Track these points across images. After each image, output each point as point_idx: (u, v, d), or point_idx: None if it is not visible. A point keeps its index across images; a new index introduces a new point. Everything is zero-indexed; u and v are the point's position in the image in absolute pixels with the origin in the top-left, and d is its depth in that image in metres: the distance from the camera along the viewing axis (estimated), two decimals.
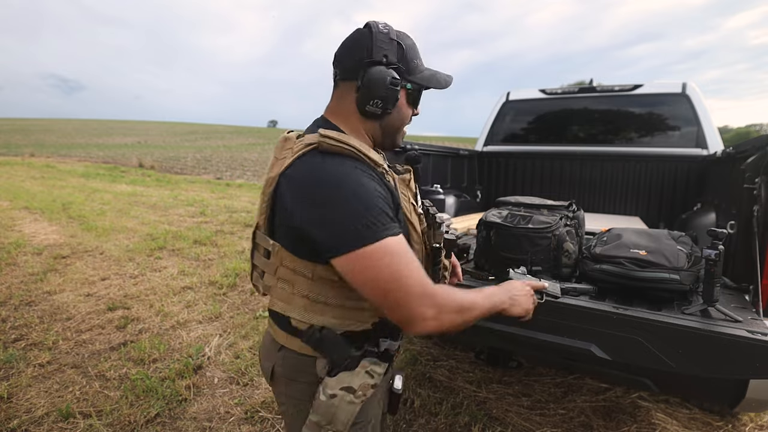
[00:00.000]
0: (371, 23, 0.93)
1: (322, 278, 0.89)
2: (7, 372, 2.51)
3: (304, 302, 0.91)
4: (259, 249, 0.98)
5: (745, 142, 1.95)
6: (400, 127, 1.01)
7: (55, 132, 44.04)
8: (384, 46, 0.92)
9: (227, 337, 3.01)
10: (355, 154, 0.87)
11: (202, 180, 13.56)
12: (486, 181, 3.87)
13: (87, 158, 19.98)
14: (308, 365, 0.95)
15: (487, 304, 0.91)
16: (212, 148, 29.03)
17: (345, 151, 0.86)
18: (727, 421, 2.17)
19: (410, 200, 0.97)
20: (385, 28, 0.93)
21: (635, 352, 1.24)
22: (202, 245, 5.45)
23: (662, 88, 3.38)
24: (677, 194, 3.21)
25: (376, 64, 0.91)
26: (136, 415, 2.12)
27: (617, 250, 1.52)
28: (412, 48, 0.96)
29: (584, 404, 2.29)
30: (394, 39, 0.93)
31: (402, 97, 0.96)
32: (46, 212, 7.20)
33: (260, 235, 0.96)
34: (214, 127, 72.32)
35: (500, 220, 1.71)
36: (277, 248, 0.91)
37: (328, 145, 0.84)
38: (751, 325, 1.18)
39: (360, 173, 0.84)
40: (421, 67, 0.98)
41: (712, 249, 1.22)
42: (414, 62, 0.96)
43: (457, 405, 2.27)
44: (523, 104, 3.87)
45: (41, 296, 3.68)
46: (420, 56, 0.98)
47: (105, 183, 11.79)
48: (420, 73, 0.97)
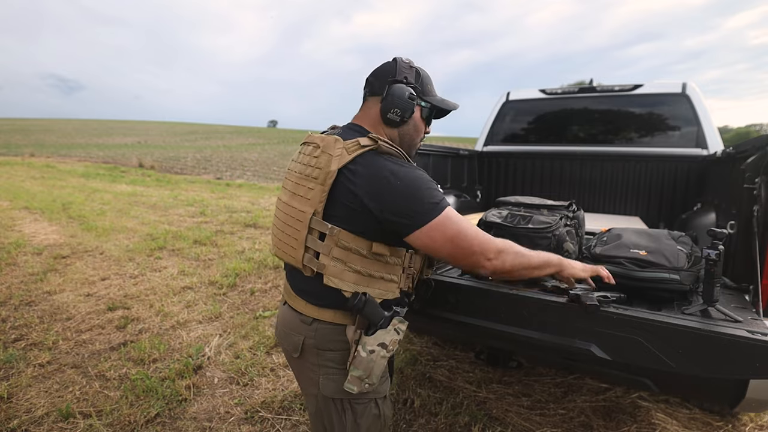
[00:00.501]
0: (397, 57, 1.21)
1: (375, 254, 1.11)
2: (7, 372, 2.51)
3: (356, 277, 1.11)
4: (313, 233, 1.12)
5: (745, 142, 1.95)
6: (415, 137, 1.25)
7: (55, 132, 44.03)
8: (405, 71, 1.20)
9: (227, 337, 3.01)
10: (400, 155, 1.13)
11: (202, 180, 13.57)
12: (486, 181, 3.87)
13: (87, 158, 19.98)
14: (340, 333, 1.14)
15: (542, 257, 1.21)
16: (212, 148, 29.03)
17: (395, 152, 1.12)
18: (727, 421, 2.17)
19: None
20: (407, 60, 1.21)
21: (635, 352, 1.24)
22: (202, 245, 5.45)
23: (662, 88, 3.38)
24: (677, 194, 3.21)
25: (398, 82, 1.18)
26: (136, 415, 2.12)
27: (617, 250, 1.52)
28: (427, 77, 1.24)
29: (584, 404, 2.29)
30: (414, 67, 1.21)
31: (417, 112, 1.23)
32: (46, 212, 7.20)
33: (316, 220, 1.11)
34: (214, 127, 72.31)
35: (500, 220, 1.71)
36: (336, 231, 1.08)
37: (385, 147, 1.10)
38: (751, 325, 1.18)
39: (412, 166, 1.13)
40: (434, 92, 1.26)
41: (712, 249, 1.22)
42: (428, 87, 1.24)
43: (457, 405, 2.27)
44: (523, 104, 3.87)
45: (41, 296, 3.68)
46: (433, 85, 1.26)
47: (105, 183, 11.79)
48: (433, 96, 1.25)
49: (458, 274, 1.71)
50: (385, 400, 1.22)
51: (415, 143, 1.26)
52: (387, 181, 1.05)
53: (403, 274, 1.18)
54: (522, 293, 1.46)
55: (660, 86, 3.39)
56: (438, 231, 1.07)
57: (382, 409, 1.21)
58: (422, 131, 1.27)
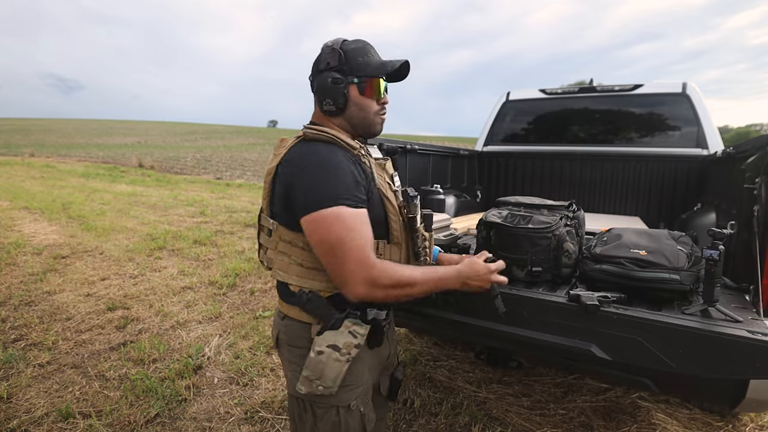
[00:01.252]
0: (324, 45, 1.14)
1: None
2: (6, 372, 2.51)
3: (299, 269, 1.09)
4: (263, 230, 1.17)
5: (745, 142, 1.95)
6: (366, 115, 1.15)
7: (54, 132, 44.02)
8: (327, 57, 1.12)
9: (227, 337, 3.01)
10: (332, 140, 1.06)
11: (202, 180, 13.56)
12: (486, 181, 3.87)
13: (87, 158, 19.98)
14: (306, 330, 1.11)
15: (430, 284, 1.08)
16: (212, 148, 29.02)
17: (324, 137, 1.06)
18: (727, 421, 2.16)
19: (386, 180, 1.15)
20: (330, 43, 1.13)
21: (635, 352, 1.24)
22: (202, 245, 5.45)
23: (662, 88, 3.38)
24: (677, 194, 3.21)
25: (320, 72, 1.12)
26: (136, 415, 2.12)
27: (617, 250, 1.52)
28: (356, 50, 1.13)
29: (584, 404, 2.28)
30: (336, 48, 1.11)
31: (353, 90, 1.13)
32: (45, 212, 7.20)
33: (263, 217, 1.16)
34: (214, 127, 72.30)
35: (500, 220, 1.71)
36: (276, 226, 1.10)
37: (311, 133, 1.07)
38: (752, 325, 1.18)
39: (335, 154, 1.04)
40: (368, 61, 1.12)
41: (712, 249, 1.22)
42: (357, 60, 1.12)
43: (457, 405, 2.27)
44: (523, 104, 3.87)
45: (41, 296, 3.68)
46: (370, 53, 1.14)
47: (105, 183, 11.79)
48: (367, 67, 1.12)
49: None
50: (350, 411, 1.12)
51: (369, 122, 1.16)
52: (300, 166, 1.02)
53: None
54: (522, 293, 1.46)
55: (660, 86, 3.39)
56: (318, 225, 0.98)
57: (345, 420, 1.11)
58: (371, 106, 1.15)
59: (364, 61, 1.12)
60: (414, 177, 2.77)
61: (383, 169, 1.17)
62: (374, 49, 1.16)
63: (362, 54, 1.13)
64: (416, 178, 2.80)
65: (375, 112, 1.16)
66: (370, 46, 1.16)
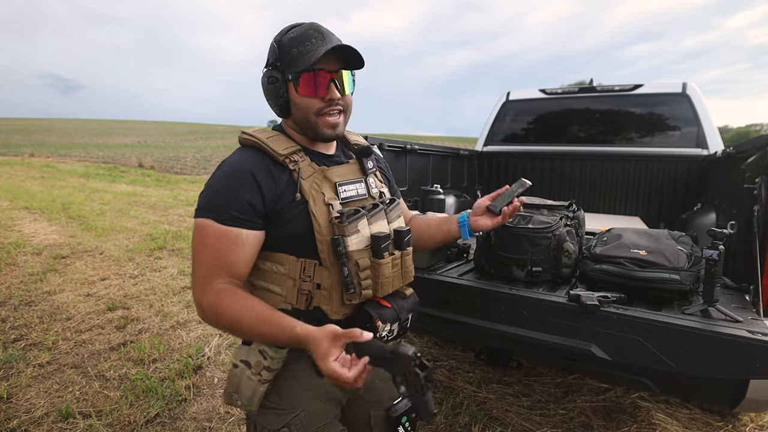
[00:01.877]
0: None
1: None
2: (6, 372, 2.51)
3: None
4: None
5: (745, 142, 1.95)
6: (306, 116, 1.00)
7: (54, 132, 44.02)
8: (268, 54, 1.01)
9: (227, 337, 3.01)
10: (257, 145, 0.98)
11: (202, 180, 13.53)
12: (486, 181, 3.87)
13: (87, 158, 19.98)
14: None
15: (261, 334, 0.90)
16: (212, 148, 29.02)
17: (249, 143, 1.00)
18: (727, 421, 2.16)
19: (321, 191, 0.99)
20: (275, 38, 1.00)
21: (635, 352, 1.24)
22: None
23: (662, 88, 3.38)
24: (677, 194, 3.21)
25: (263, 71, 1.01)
26: (136, 415, 2.12)
27: (617, 250, 1.52)
28: (292, 40, 0.97)
29: (584, 404, 2.28)
30: (275, 42, 0.99)
31: (291, 88, 0.99)
32: (45, 212, 7.20)
33: None
34: (214, 127, 72.33)
35: None
36: None
37: (242, 139, 1.02)
38: (752, 325, 1.18)
39: (245, 161, 0.96)
40: (302, 51, 0.95)
41: (712, 249, 1.22)
42: (292, 52, 0.96)
43: (457, 405, 2.27)
44: (524, 104, 3.87)
45: (41, 296, 3.68)
46: (310, 41, 0.96)
47: (105, 183, 11.79)
48: (300, 59, 0.95)
49: (458, 274, 1.71)
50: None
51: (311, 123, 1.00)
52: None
53: (293, 287, 0.97)
54: (522, 293, 1.46)
55: (660, 86, 3.39)
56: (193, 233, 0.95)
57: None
58: (311, 105, 0.98)
59: (298, 53, 0.95)
60: (414, 177, 2.77)
61: (324, 179, 1.01)
62: (321, 35, 0.96)
63: (298, 44, 0.96)
64: (416, 178, 2.80)
65: (316, 111, 0.99)
66: (315, 31, 0.97)
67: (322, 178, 1.01)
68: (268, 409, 1.00)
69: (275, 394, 1.00)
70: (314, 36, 0.96)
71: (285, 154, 0.97)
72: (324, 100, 0.98)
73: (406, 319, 1.05)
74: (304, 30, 0.97)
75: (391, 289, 1.03)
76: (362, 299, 0.99)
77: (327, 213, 0.97)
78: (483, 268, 1.77)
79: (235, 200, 0.92)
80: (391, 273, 1.02)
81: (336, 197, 1.01)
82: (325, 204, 0.98)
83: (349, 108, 1.05)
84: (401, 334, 1.05)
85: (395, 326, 1.01)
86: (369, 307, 0.99)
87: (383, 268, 0.99)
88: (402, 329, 1.04)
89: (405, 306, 1.05)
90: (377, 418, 1.14)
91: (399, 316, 1.02)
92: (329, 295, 0.98)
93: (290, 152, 0.99)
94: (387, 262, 1.00)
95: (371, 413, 1.14)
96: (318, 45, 0.95)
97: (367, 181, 1.10)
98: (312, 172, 1.00)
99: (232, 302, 0.89)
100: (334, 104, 1.00)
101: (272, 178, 0.96)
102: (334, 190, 1.01)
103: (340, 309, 0.98)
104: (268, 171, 0.96)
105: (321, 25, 0.99)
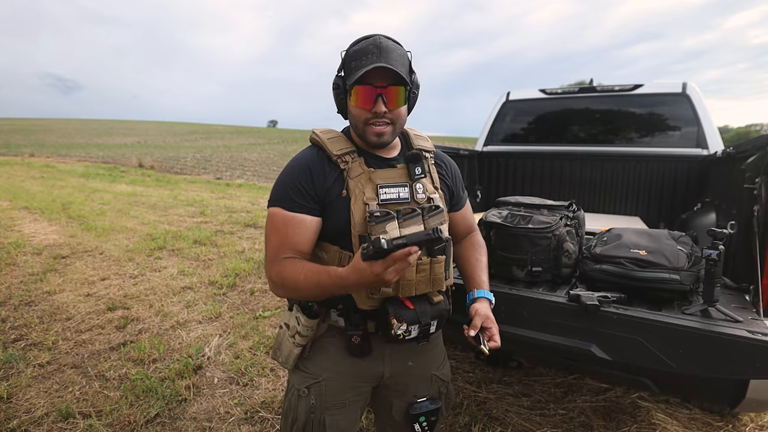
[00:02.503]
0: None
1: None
2: (6, 372, 2.51)
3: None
4: None
5: (745, 142, 1.95)
6: (356, 124, 1.11)
7: (54, 132, 44.02)
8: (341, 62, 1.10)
9: (227, 337, 3.01)
10: (318, 143, 1.13)
11: (202, 180, 13.56)
12: (486, 181, 3.87)
13: (87, 158, 19.97)
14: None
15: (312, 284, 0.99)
16: (212, 148, 29.01)
17: (313, 141, 1.15)
18: (727, 421, 2.16)
19: (363, 190, 1.08)
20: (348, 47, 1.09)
21: (635, 352, 1.24)
22: (202, 245, 5.45)
23: (662, 88, 3.37)
24: (677, 194, 3.21)
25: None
26: (136, 415, 2.12)
27: (617, 250, 1.52)
28: (355, 52, 1.06)
29: (584, 404, 2.28)
30: (343, 51, 1.10)
31: (349, 97, 1.09)
32: (45, 212, 7.20)
33: None
34: (214, 127, 72.32)
35: (500, 220, 1.71)
36: None
37: (310, 137, 1.16)
38: (752, 325, 1.18)
39: (304, 156, 1.12)
40: (358, 66, 1.04)
41: (712, 249, 1.22)
42: (351, 65, 1.06)
43: (457, 405, 2.27)
44: (524, 104, 3.87)
45: (41, 296, 3.68)
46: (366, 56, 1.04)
47: (105, 183, 11.79)
48: (354, 73, 1.04)
49: (458, 275, 1.71)
50: (300, 397, 1.14)
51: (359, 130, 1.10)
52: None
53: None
54: (522, 293, 1.46)
55: (660, 86, 3.39)
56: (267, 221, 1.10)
57: (293, 403, 1.16)
58: (359, 115, 1.07)
59: (355, 66, 1.04)
60: None
61: (369, 180, 1.09)
62: (379, 51, 1.03)
63: (357, 58, 1.05)
64: None
65: (364, 121, 1.08)
66: (374, 46, 1.04)
67: (366, 179, 1.10)
68: (299, 371, 1.18)
69: (308, 360, 1.17)
70: (371, 51, 1.04)
71: (338, 154, 1.10)
72: (371, 112, 1.06)
73: (428, 324, 1.07)
74: (366, 44, 1.06)
75: (415, 292, 1.06)
76: (382, 296, 1.05)
77: (363, 211, 1.06)
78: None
79: (295, 188, 1.07)
80: (416, 277, 1.05)
81: (375, 198, 1.08)
82: (364, 203, 1.06)
83: (400, 119, 1.12)
84: (421, 338, 1.09)
85: (413, 328, 1.04)
86: (390, 304, 1.05)
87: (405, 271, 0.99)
88: (423, 333, 1.07)
89: (429, 311, 1.07)
90: (398, 409, 1.23)
91: (419, 319, 1.05)
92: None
93: (344, 152, 1.10)
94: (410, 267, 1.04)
95: (394, 403, 1.23)
96: (372, 61, 1.02)
97: (414, 186, 1.13)
98: (360, 173, 1.10)
99: (293, 266, 1.02)
100: (380, 116, 1.07)
101: (324, 173, 1.09)
102: (375, 191, 1.09)
103: (366, 301, 1.07)
104: (322, 166, 1.09)
105: (384, 40, 1.06)
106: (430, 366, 1.25)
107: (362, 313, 1.09)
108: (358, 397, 1.19)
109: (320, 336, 1.16)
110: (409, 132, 1.26)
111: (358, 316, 1.10)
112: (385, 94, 1.05)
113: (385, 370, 1.18)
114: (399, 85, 1.05)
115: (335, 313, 1.13)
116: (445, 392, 1.28)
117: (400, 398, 1.22)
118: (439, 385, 1.26)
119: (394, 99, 1.06)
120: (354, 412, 1.19)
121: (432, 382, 1.25)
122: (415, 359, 1.22)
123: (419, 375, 1.23)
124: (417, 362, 1.22)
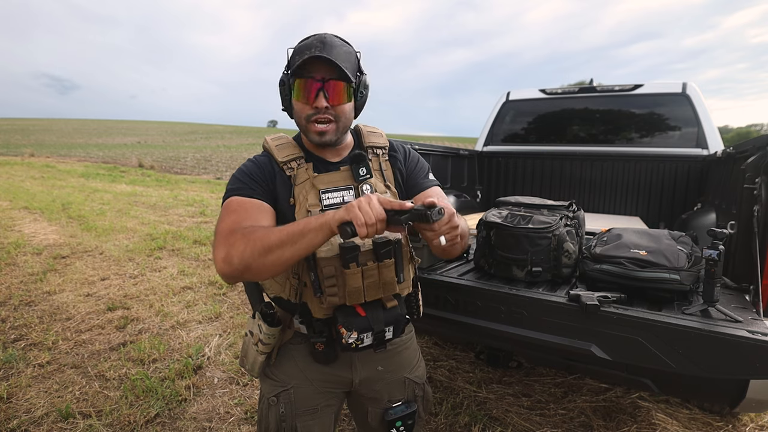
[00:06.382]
0: None
1: None
2: (6, 372, 2.51)
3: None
4: None
5: (745, 142, 1.95)
6: (298, 121, 1.07)
7: (54, 132, 44.01)
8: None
9: (227, 337, 3.01)
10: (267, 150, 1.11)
11: (202, 180, 13.55)
12: (486, 181, 3.87)
13: (86, 158, 19.97)
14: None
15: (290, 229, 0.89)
16: (212, 148, 29.01)
17: (264, 148, 1.13)
18: (727, 421, 2.16)
19: (306, 197, 1.04)
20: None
21: (635, 352, 1.24)
22: (202, 245, 5.45)
23: (662, 88, 3.38)
24: (677, 194, 3.21)
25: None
26: (136, 416, 2.12)
27: (617, 250, 1.52)
28: (299, 48, 1.03)
29: (584, 404, 2.28)
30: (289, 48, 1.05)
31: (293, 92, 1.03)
32: (45, 212, 7.20)
33: None
34: (214, 127, 72.33)
35: (500, 220, 1.71)
36: None
37: (263, 144, 1.13)
38: (752, 325, 1.18)
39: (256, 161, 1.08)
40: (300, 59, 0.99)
41: (712, 249, 1.22)
42: (295, 59, 1.01)
43: (457, 405, 2.27)
44: (523, 104, 3.87)
45: (41, 296, 3.68)
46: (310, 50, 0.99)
47: (105, 183, 11.79)
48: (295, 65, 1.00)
49: (458, 274, 1.71)
50: (270, 406, 1.10)
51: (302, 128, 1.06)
52: None
53: (286, 280, 1.06)
54: (522, 293, 1.46)
55: (660, 86, 3.39)
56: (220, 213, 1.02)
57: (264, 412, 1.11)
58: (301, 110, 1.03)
59: (298, 60, 0.99)
60: None
61: (312, 186, 1.05)
62: (323, 45, 0.99)
63: (300, 52, 1.00)
64: None
65: (306, 118, 1.03)
66: (318, 41, 0.99)
67: (310, 186, 1.05)
68: (268, 378, 1.14)
69: (275, 367, 1.13)
70: (315, 45, 0.99)
71: (284, 160, 1.06)
72: (312, 107, 1.01)
73: (382, 331, 1.02)
74: (311, 40, 1.01)
75: (364, 299, 1.02)
76: (329, 305, 1.01)
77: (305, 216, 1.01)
78: (483, 268, 1.77)
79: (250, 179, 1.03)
80: (362, 283, 1.00)
81: (319, 204, 1.03)
82: (307, 210, 1.02)
83: (343, 117, 1.05)
84: (377, 345, 1.04)
85: (366, 336, 1.00)
86: (339, 313, 1.01)
87: (348, 278, 0.99)
88: (378, 340, 1.03)
89: (383, 317, 1.03)
90: (373, 415, 1.19)
91: (372, 326, 1.01)
92: (311, 295, 1.02)
93: (290, 159, 1.07)
94: (354, 273, 0.99)
95: (369, 409, 1.19)
96: (314, 53, 0.97)
97: (360, 188, 1.07)
98: (305, 179, 1.06)
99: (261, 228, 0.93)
100: (322, 112, 1.01)
101: (274, 180, 1.06)
102: (318, 197, 1.04)
103: (319, 309, 1.03)
104: (273, 173, 1.06)
105: (331, 37, 1.02)
106: (401, 369, 1.20)
107: (323, 320, 1.04)
108: (330, 402, 1.15)
109: (286, 342, 1.13)
110: (362, 129, 1.19)
111: (320, 323, 1.05)
112: (326, 89, 0.99)
113: (354, 375, 1.14)
114: (341, 81, 1.00)
115: (298, 320, 1.09)
116: (421, 395, 1.22)
117: (374, 404, 1.18)
118: (414, 388, 1.21)
119: (335, 94, 1.00)
120: (327, 416, 1.15)
121: (406, 386, 1.20)
122: (385, 363, 1.17)
123: (391, 379, 1.18)
124: (388, 366, 1.17)
